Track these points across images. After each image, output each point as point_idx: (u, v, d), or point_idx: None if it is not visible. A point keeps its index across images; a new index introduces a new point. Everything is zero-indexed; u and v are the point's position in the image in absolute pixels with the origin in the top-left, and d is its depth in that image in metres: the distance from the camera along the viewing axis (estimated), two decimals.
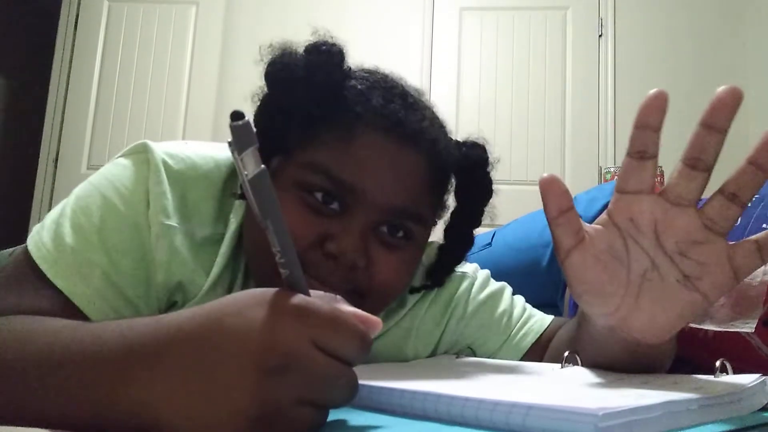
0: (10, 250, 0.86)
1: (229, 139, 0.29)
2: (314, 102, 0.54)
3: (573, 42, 3.05)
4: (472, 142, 0.63)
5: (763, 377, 0.40)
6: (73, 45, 3.15)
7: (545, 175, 0.42)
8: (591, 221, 1.11)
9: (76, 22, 3.17)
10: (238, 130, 0.29)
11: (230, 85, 3.10)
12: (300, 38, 0.57)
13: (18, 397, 0.34)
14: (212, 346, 0.31)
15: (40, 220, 2.52)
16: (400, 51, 3.08)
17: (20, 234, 3.02)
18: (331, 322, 0.31)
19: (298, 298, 0.32)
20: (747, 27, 2.92)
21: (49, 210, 2.39)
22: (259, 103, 0.57)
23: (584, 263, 0.42)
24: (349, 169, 0.52)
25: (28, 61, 3.44)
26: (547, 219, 0.42)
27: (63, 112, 3.11)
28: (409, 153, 0.55)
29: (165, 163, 0.55)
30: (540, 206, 0.57)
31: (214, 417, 0.29)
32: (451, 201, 0.65)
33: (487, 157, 0.63)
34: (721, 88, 0.38)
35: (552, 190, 0.42)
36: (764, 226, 0.79)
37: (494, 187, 0.64)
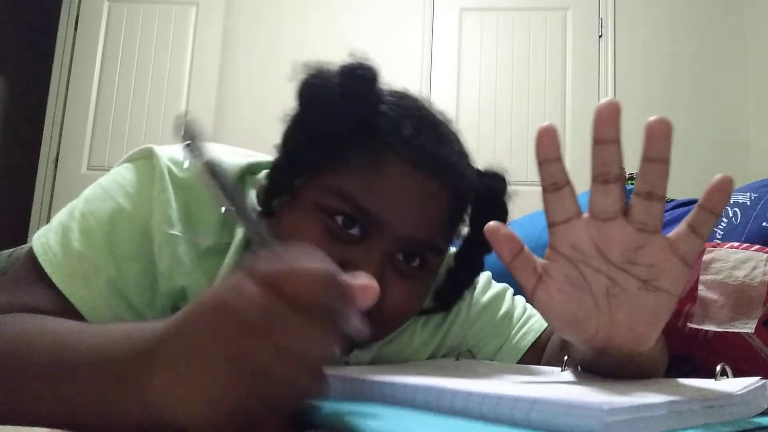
0: (9, 251, 0.86)
1: (181, 135, 0.31)
2: (345, 127, 0.53)
3: (573, 42, 3.05)
4: (494, 173, 0.63)
5: (764, 380, 0.40)
6: (73, 45, 3.15)
7: (491, 223, 0.43)
8: None
9: (77, 23, 3.17)
10: (187, 126, 0.31)
11: (230, 85, 3.10)
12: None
13: (21, 397, 0.35)
14: (190, 334, 0.31)
15: (40, 220, 2.50)
16: (400, 51, 3.08)
17: (20, 234, 3.02)
18: (290, 278, 0.30)
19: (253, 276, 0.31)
20: (747, 27, 2.92)
21: (50, 210, 2.38)
22: (289, 122, 0.56)
23: (550, 298, 0.43)
24: (374, 198, 0.52)
25: (28, 61, 3.44)
26: (504, 265, 0.44)
27: (63, 112, 3.11)
28: (435, 186, 0.54)
29: (170, 170, 0.55)
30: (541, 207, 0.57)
31: (200, 404, 0.29)
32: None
33: (506, 188, 0.63)
34: (599, 103, 0.40)
35: (499, 236, 0.43)
36: (764, 224, 0.79)
37: None
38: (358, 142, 0.53)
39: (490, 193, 0.62)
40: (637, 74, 2.98)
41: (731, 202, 0.88)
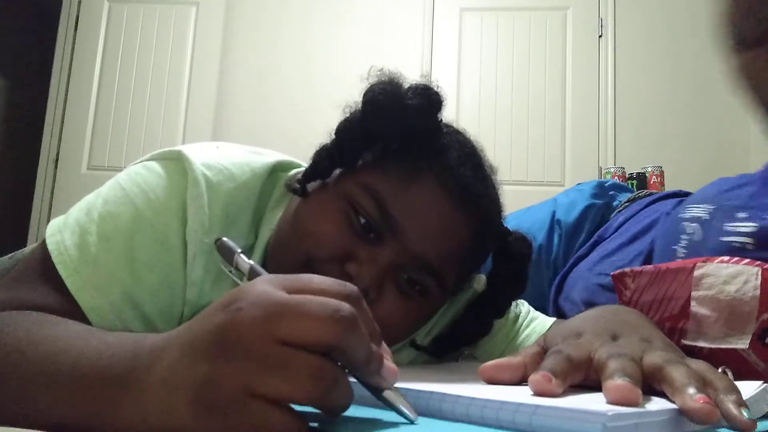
0: (9, 255, 0.85)
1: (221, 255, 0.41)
2: (398, 135, 0.56)
3: (573, 42, 3.05)
4: (521, 235, 0.64)
5: (764, 384, 0.40)
6: (73, 45, 3.15)
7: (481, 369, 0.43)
8: (571, 226, 1.09)
9: (77, 23, 3.17)
10: (223, 248, 0.41)
11: (230, 85, 3.10)
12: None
13: (11, 401, 0.35)
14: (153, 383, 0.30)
15: (40, 220, 2.49)
16: (400, 51, 3.08)
17: (20, 234, 3.02)
18: (276, 361, 0.27)
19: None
20: None
21: (50, 210, 2.36)
22: (347, 115, 0.58)
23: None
24: (401, 207, 0.53)
25: (28, 61, 3.44)
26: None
27: (63, 112, 3.10)
28: (459, 217, 0.56)
29: (205, 176, 0.54)
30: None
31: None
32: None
33: (530, 254, 0.64)
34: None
35: (497, 372, 0.43)
36: (721, 239, 0.80)
37: None
38: (405, 152, 0.56)
39: (513, 253, 0.62)
40: (637, 74, 2.98)
41: (688, 216, 0.87)
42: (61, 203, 2.95)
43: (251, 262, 0.40)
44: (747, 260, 0.63)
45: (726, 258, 0.63)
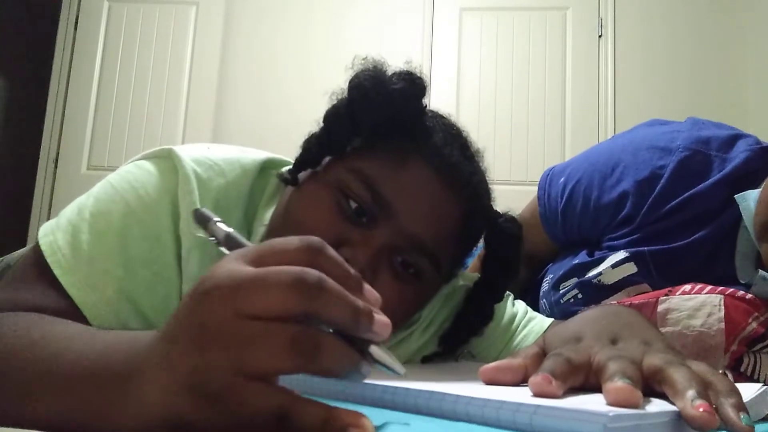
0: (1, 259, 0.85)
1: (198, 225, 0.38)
2: (386, 121, 0.56)
3: (573, 42, 3.05)
4: (511, 217, 0.65)
5: (764, 387, 0.40)
6: (73, 45, 3.15)
7: (482, 371, 0.42)
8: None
9: (76, 23, 3.16)
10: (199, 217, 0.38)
11: (230, 85, 3.10)
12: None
13: (19, 400, 0.35)
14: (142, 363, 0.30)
15: (40, 220, 2.49)
16: (400, 51, 3.08)
17: (20, 234, 3.02)
18: (254, 287, 0.27)
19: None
20: (747, 27, 2.92)
21: (50, 210, 2.36)
22: (335, 103, 0.59)
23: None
24: (391, 188, 0.54)
25: (28, 61, 3.43)
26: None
27: (63, 112, 3.10)
28: (450, 197, 0.56)
29: (195, 172, 0.54)
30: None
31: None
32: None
33: (521, 235, 0.64)
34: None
35: (498, 374, 0.42)
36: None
37: (493, 187, 0.65)
38: (392, 136, 0.57)
39: (505, 235, 0.63)
40: (637, 74, 2.98)
41: (541, 293, 0.93)
42: (61, 203, 2.94)
43: (229, 229, 0.36)
44: (709, 287, 0.62)
45: (688, 288, 0.63)
